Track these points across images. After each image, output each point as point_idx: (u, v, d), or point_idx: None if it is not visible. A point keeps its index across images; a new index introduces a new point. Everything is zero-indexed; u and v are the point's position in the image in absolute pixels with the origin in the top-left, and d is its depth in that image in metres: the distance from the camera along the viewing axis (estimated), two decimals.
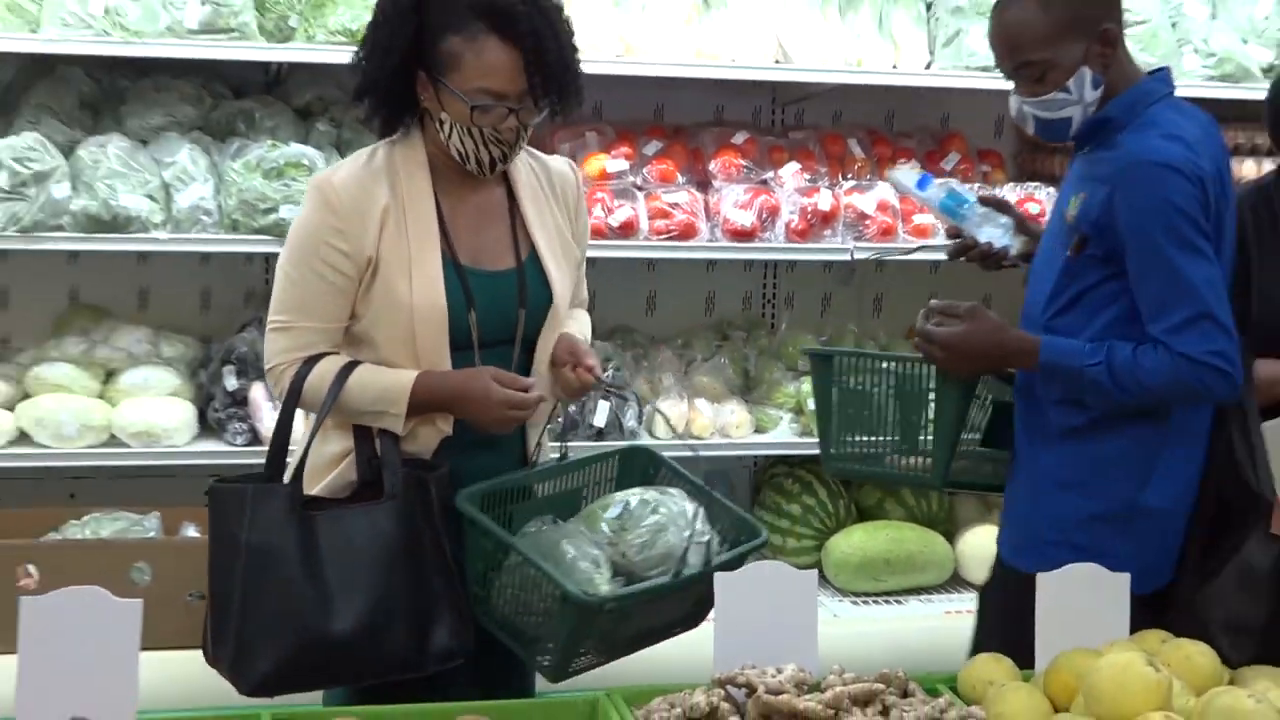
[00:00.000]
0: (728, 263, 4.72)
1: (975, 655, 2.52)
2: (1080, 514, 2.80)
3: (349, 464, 2.66)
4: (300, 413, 2.69)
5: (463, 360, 2.64)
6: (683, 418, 4.25)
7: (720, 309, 4.85)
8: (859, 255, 4.14)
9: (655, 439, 4.21)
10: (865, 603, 4.33)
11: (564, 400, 2.83)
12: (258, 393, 3.91)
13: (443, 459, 2.65)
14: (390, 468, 2.57)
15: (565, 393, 2.76)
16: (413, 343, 2.62)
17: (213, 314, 4.39)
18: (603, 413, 4.14)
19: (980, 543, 4.31)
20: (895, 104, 4.74)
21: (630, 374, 4.32)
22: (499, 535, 2.46)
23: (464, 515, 2.51)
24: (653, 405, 4.23)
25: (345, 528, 2.49)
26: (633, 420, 4.20)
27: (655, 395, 4.29)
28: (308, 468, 2.65)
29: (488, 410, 2.54)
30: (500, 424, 2.58)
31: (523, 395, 2.54)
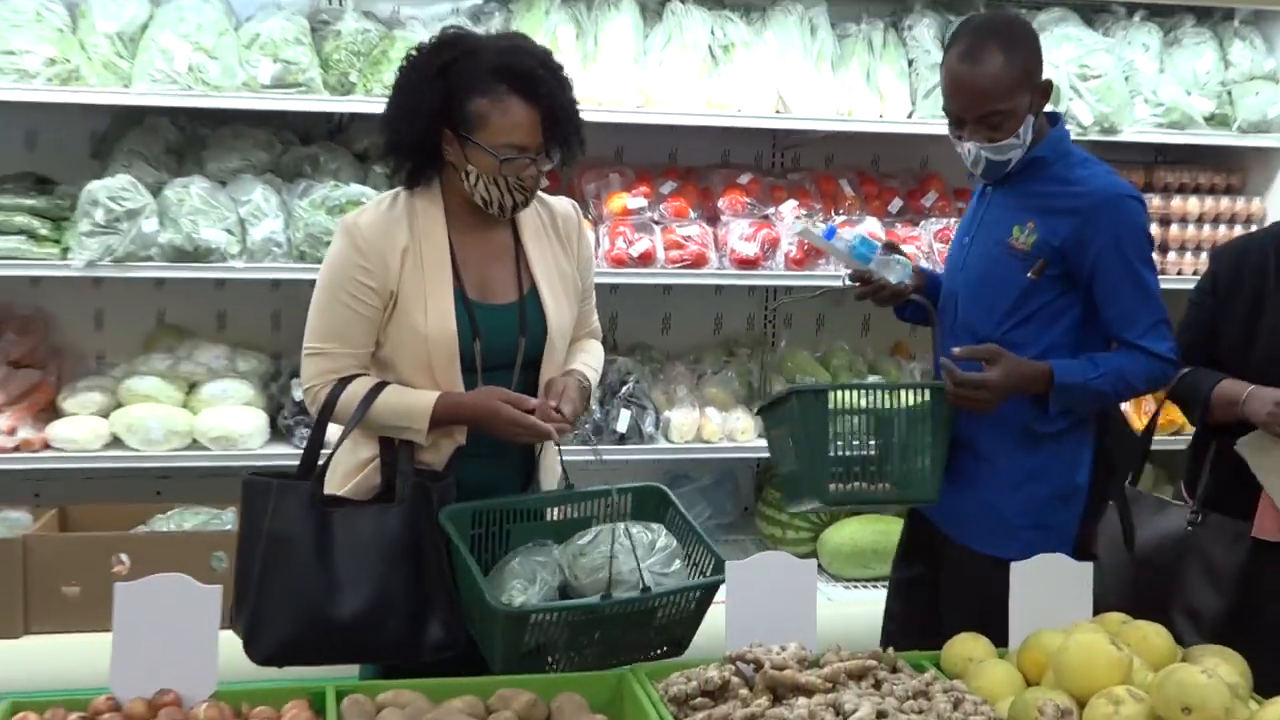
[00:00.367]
0: (734, 288, 4.70)
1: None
2: (1041, 498, 2.87)
3: (374, 469, 2.67)
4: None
5: (470, 381, 2.66)
6: (694, 424, 4.23)
7: (727, 328, 4.83)
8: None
9: (670, 442, 4.21)
10: (856, 587, 4.31)
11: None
12: None
13: (454, 468, 2.66)
14: (403, 476, 2.60)
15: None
16: (428, 366, 2.64)
17: (282, 334, 4.38)
18: (624, 420, 4.13)
19: None
20: (880, 149, 4.73)
21: (648, 385, 4.31)
22: (457, 546, 2.44)
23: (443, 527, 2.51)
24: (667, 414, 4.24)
25: (357, 525, 2.51)
26: (651, 426, 4.18)
27: (669, 404, 4.28)
28: (340, 470, 2.70)
29: (496, 427, 2.56)
30: (509, 437, 2.59)
31: (523, 414, 2.54)
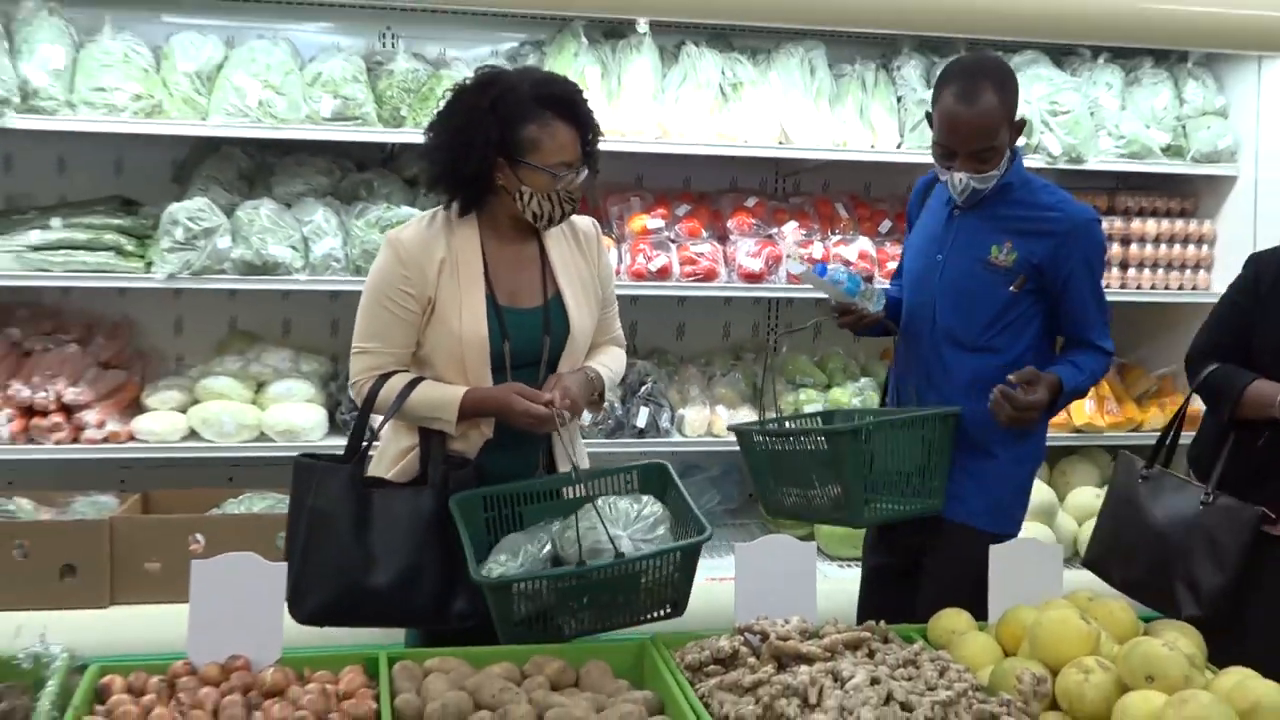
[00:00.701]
0: (741, 299, 4.69)
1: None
2: (1026, 475, 3.02)
3: (414, 456, 2.67)
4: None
5: (500, 379, 2.65)
6: (705, 420, 4.22)
7: (735, 335, 4.81)
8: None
9: (683, 436, 4.19)
10: (850, 566, 4.27)
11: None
12: None
13: (483, 457, 2.65)
14: (434, 462, 2.60)
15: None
16: (462, 365, 2.63)
17: (340, 339, 4.36)
18: (643, 416, 4.13)
19: None
20: (872, 176, 4.70)
21: (664, 385, 4.30)
22: (458, 528, 2.42)
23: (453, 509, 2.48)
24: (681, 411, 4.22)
25: (391, 504, 2.51)
26: (666, 422, 4.17)
27: (683, 402, 4.27)
28: (386, 457, 2.73)
29: (513, 417, 2.56)
30: (525, 426, 2.57)
31: (534, 405, 2.53)
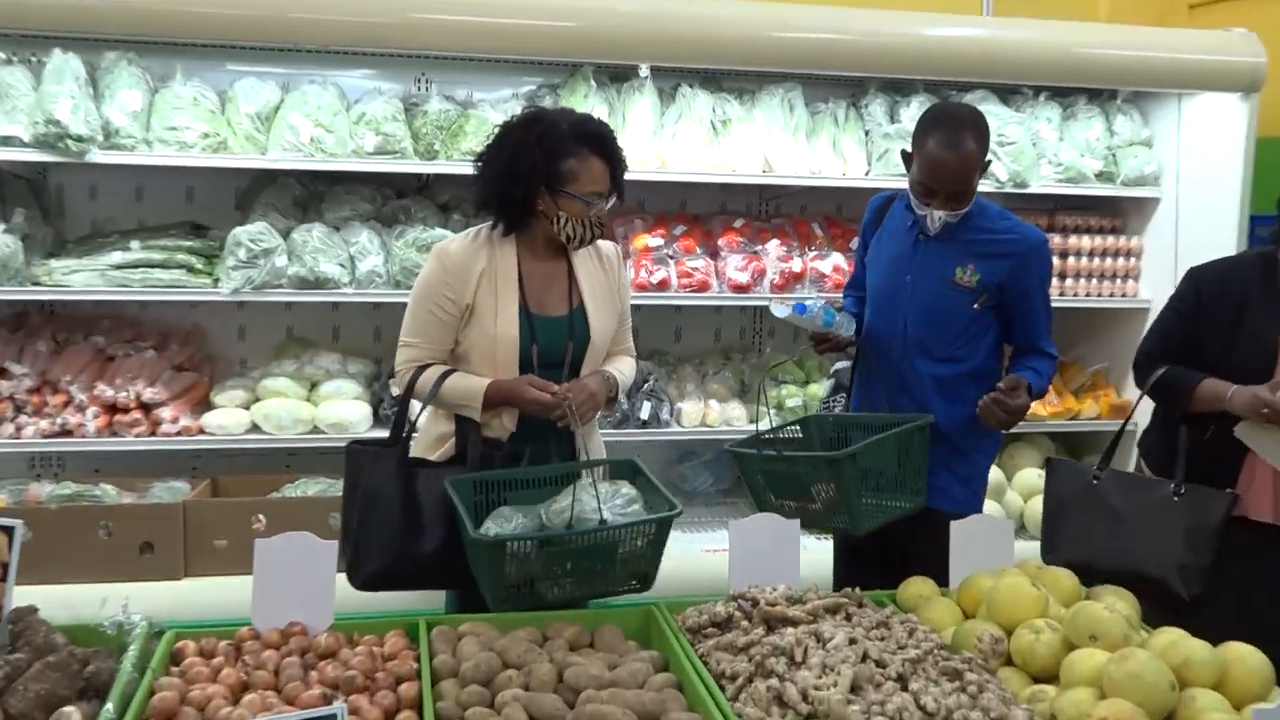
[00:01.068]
0: (730, 307, 4.67)
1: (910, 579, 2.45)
2: (989, 464, 3.08)
3: (452, 441, 2.68)
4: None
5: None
6: (700, 412, 4.20)
7: (725, 338, 4.78)
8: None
9: (681, 426, 4.17)
10: (825, 539, 4.22)
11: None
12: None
13: (517, 443, 2.64)
14: (472, 445, 2.61)
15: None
16: (494, 362, 2.64)
17: (382, 344, 4.36)
18: (646, 410, 4.11)
19: None
20: (843, 199, 4.67)
21: (664, 382, 4.28)
22: (454, 501, 2.37)
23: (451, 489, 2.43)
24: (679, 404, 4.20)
25: (434, 482, 2.50)
26: (666, 414, 4.15)
27: (681, 397, 4.25)
28: (426, 439, 2.74)
29: (524, 404, 2.57)
30: (534, 411, 2.57)
31: (541, 394, 2.54)
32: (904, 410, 2.87)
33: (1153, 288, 4.50)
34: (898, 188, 3.08)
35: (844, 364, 3.21)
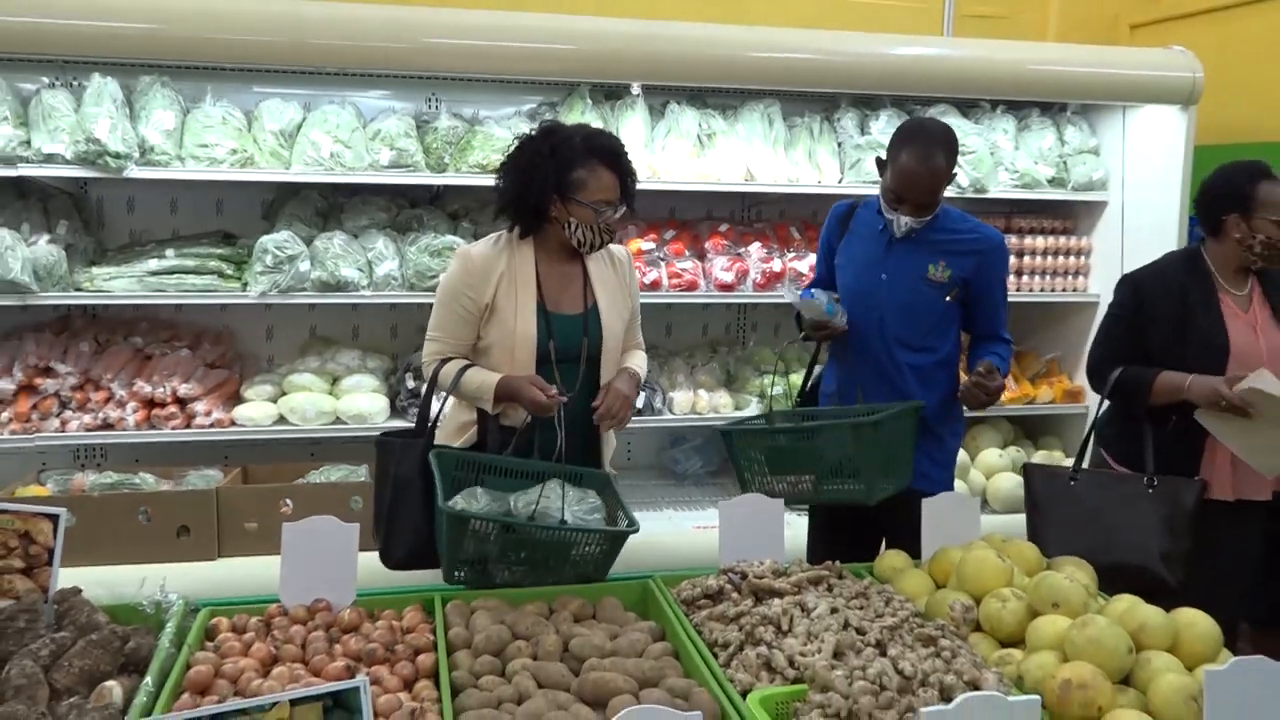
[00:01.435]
0: (716, 305, 4.63)
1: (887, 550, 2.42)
2: (959, 446, 3.05)
3: (474, 430, 2.66)
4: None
5: (544, 370, 2.61)
6: (690, 401, 4.16)
7: (712, 333, 4.75)
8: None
9: (672, 414, 4.13)
10: (803, 514, 4.20)
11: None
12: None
13: (536, 432, 2.57)
14: (491, 433, 2.60)
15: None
16: (513, 356, 2.61)
17: (399, 341, 4.32)
18: (641, 399, 4.07)
19: None
20: (819, 205, 4.62)
21: (657, 374, 4.24)
22: (433, 471, 2.32)
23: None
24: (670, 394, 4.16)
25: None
26: (659, 403, 4.12)
27: (672, 387, 4.21)
28: (449, 427, 2.71)
29: (523, 401, 2.52)
30: (530, 409, 2.53)
31: (538, 393, 2.48)
32: (882, 398, 2.83)
33: (1101, 284, 4.49)
34: (867, 194, 3.06)
35: (820, 367, 3.16)
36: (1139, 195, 4.37)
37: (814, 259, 4.20)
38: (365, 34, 3.45)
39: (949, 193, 3.43)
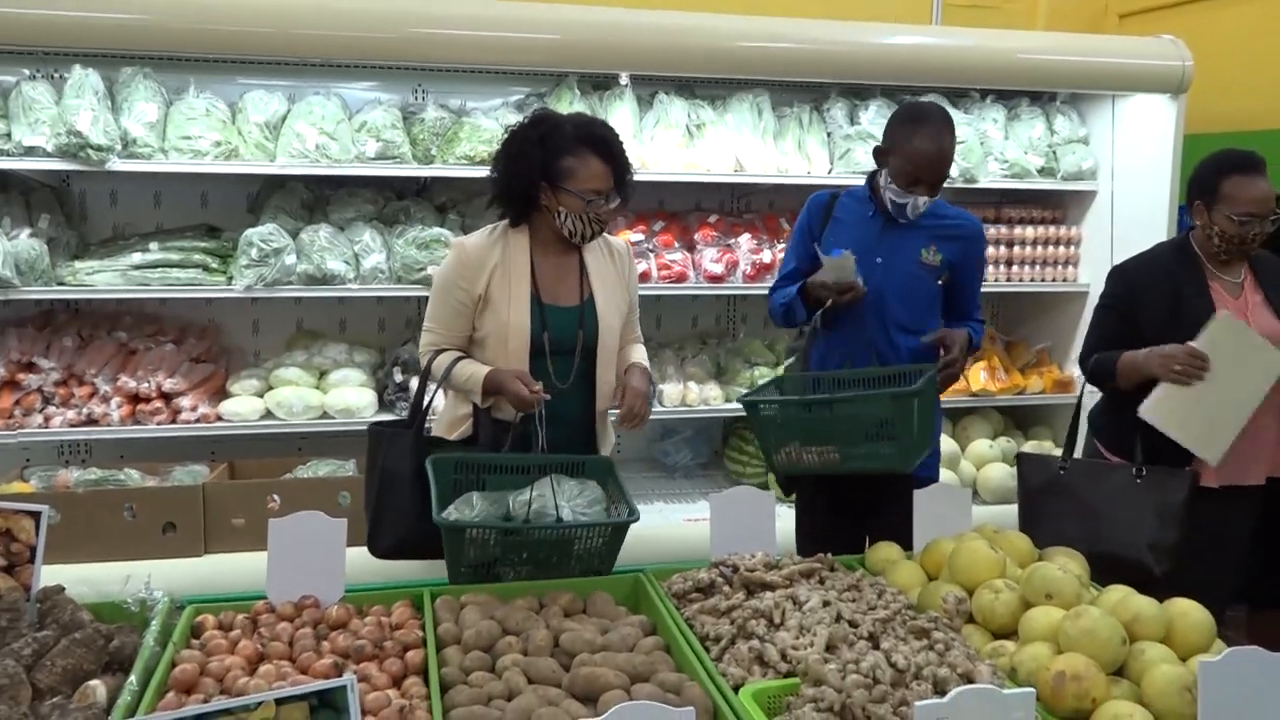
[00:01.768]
0: (705, 296, 4.62)
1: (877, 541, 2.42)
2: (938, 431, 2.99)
3: (470, 422, 2.64)
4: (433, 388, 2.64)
5: (539, 362, 2.59)
6: (680, 393, 4.14)
7: (702, 324, 4.73)
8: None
9: (662, 406, 4.11)
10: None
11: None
12: (414, 384, 3.79)
13: (525, 424, 2.51)
14: (483, 426, 2.58)
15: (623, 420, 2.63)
16: (506, 348, 2.59)
17: (386, 334, 4.29)
18: None
19: None
20: (808, 196, 4.54)
21: None
22: (429, 480, 2.29)
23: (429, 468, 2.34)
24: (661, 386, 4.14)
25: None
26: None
27: (662, 379, 4.19)
28: (445, 420, 2.70)
29: (508, 396, 2.50)
30: (513, 404, 2.49)
31: (521, 387, 2.45)
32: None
33: (1091, 273, 4.48)
34: (858, 184, 3.05)
35: (791, 360, 3.12)
36: (1128, 185, 4.37)
37: None
38: (351, 24, 3.42)
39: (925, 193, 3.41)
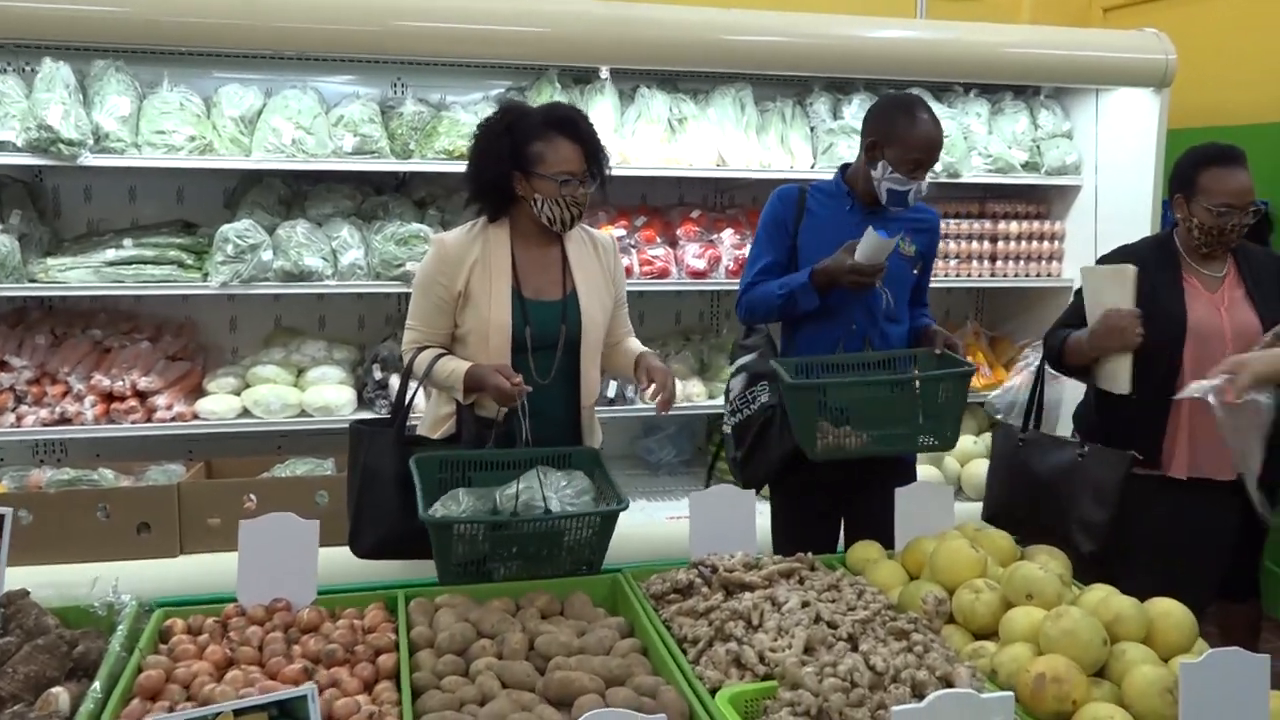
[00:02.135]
0: (688, 292, 4.59)
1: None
2: None
3: (454, 420, 2.62)
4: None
5: (520, 358, 2.57)
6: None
7: (684, 321, 4.71)
8: None
9: (645, 402, 4.05)
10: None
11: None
12: (393, 381, 3.77)
13: (510, 421, 2.48)
14: (466, 424, 2.57)
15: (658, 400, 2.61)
16: (488, 344, 2.57)
17: (365, 332, 4.26)
18: (613, 387, 4.02)
19: None
20: None
21: None
22: (414, 479, 2.25)
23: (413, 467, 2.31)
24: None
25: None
26: (631, 392, 4.06)
27: None
28: (430, 419, 2.69)
29: (489, 390, 2.47)
30: (494, 397, 2.47)
31: (502, 380, 2.42)
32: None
33: (1075, 268, 4.45)
34: (816, 178, 3.09)
35: (749, 357, 3.07)
36: (1112, 179, 4.36)
37: None
38: (328, 17, 3.37)
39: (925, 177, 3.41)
